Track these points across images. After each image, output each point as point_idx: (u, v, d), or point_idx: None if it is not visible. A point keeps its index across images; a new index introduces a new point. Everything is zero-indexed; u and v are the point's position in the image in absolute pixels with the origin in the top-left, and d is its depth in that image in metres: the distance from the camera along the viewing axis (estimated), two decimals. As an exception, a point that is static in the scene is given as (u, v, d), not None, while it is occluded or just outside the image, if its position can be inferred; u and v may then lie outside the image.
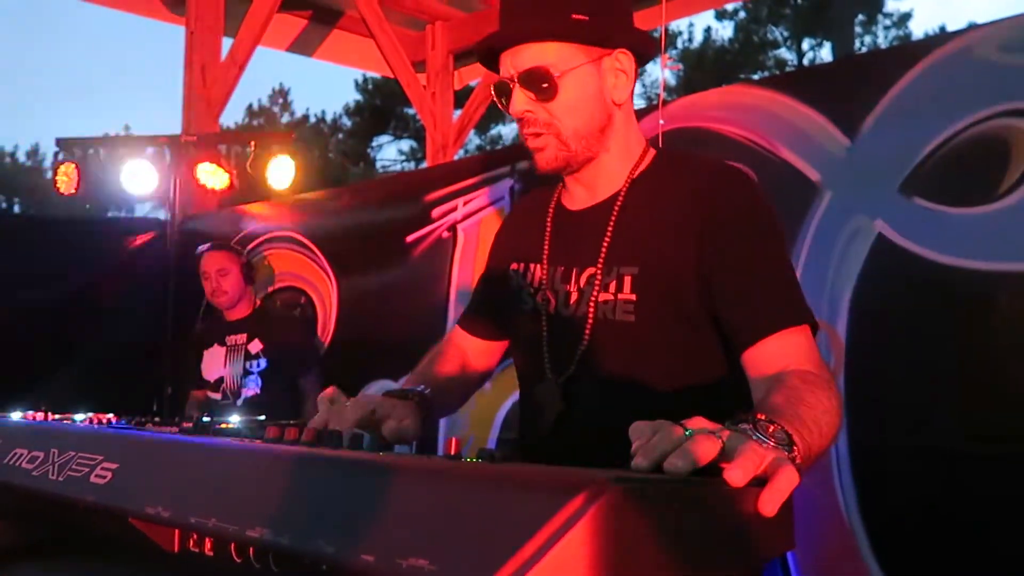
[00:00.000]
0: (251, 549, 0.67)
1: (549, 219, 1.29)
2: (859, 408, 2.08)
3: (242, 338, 3.14)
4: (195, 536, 0.73)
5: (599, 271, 1.17)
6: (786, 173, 2.28)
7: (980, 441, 1.88)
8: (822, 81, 2.34)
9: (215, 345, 3.20)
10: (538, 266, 1.26)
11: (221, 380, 3.16)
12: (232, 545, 0.69)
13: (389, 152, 20.25)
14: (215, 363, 3.18)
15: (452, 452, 0.69)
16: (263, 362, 3.09)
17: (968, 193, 1.97)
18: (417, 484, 0.57)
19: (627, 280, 1.15)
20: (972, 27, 2.03)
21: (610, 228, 1.18)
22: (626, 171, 1.21)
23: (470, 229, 2.97)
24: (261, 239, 3.68)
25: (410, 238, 3.12)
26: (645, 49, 1.21)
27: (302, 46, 5.71)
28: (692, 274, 1.12)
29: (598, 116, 1.17)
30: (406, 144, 20.05)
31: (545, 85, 1.13)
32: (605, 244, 1.18)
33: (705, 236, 1.11)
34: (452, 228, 3.02)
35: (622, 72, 1.18)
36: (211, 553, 0.72)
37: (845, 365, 2.11)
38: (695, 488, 0.58)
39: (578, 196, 1.26)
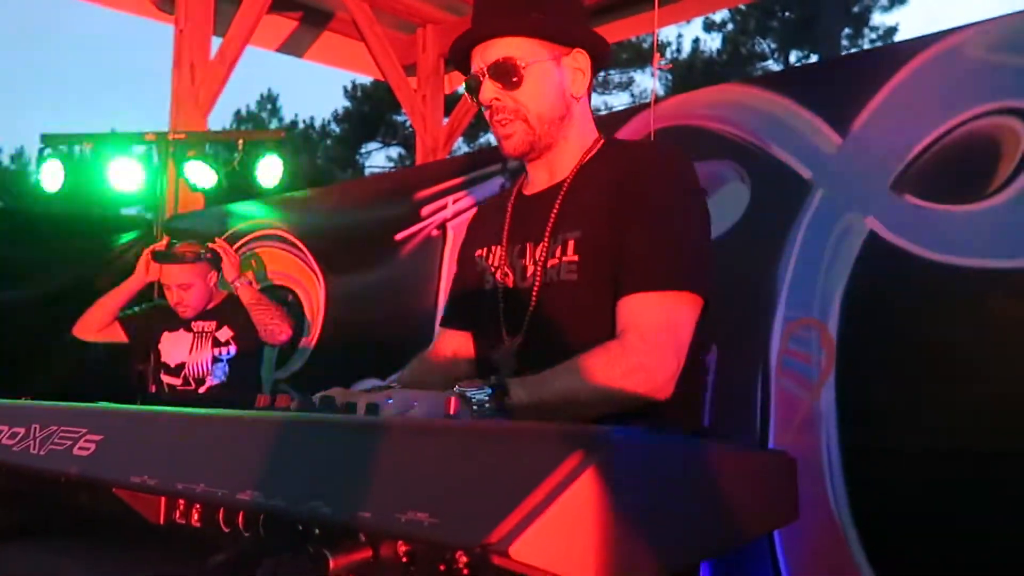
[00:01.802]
0: (240, 516, 0.65)
1: (510, 205, 1.40)
2: (850, 407, 2.08)
3: (211, 325, 3.02)
4: (181, 506, 0.71)
5: (547, 242, 1.28)
6: (778, 171, 2.28)
7: (973, 440, 1.87)
8: (813, 80, 2.35)
9: (180, 329, 3.05)
10: (499, 247, 1.36)
11: (183, 366, 3.03)
12: (220, 513, 0.67)
13: (378, 159, 20.21)
14: (178, 348, 3.04)
15: (451, 413, 0.67)
16: (232, 349, 3.00)
17: (959, 191, 1.98)
18: (414, 442, 0.55)
19: (571, 244, 1.25)
20: (962, 27, 2.04)
21: (557, 204, 1.29)
22: (578, 158, 1.33)
23: (459, 227, 2.95)
24: (248, 237, 3.65)
25: (399, 236, 3.10)
26: (601, 51, 1.33)
27: (292, 47, 5.68)
28: (617, 236, 1.21)
29: (558, 106, 1.29)
30: (395, 151, 20.01)
31: (512, 76, 1.25)
32: (552, 218, 1.28)
33: (627, 192, 1.23)
34: (442, 226, 3.00)
35: (579, 70, 1.31)
36: (198, 524, 0.70)
37: (836, 363, 2.11)
38: (697, 447, 0.56)
39: (536, 182, 1.37)
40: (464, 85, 1.32)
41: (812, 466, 2.09)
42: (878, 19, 17.74)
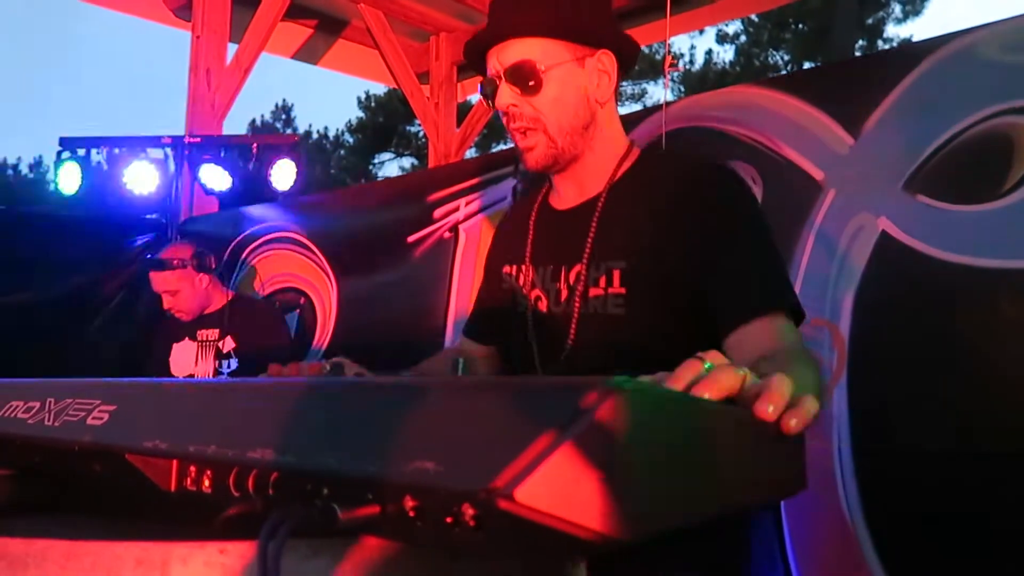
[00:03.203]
0: (251, 480, 0.66)
1: (533, 219, 1.31)
2: (862, 408, 2.06)
3: (214, 333, 2.99)
4: (193, 473, 0.71)
5: (585, 267, 1.19)
6: (790, 172, 2.28)
7: (986, 442, 1.86)
8: (825, 81, 2.35)
9: (185, 339, 3.04)
10: (528, 266, 1.28)
11: (192, 377, 3.02)
12: (231, 478, 0.67)
13: (391, 169, 20.32)
14: (185, 358, 3.03)
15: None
16: (233, 362, 2.97)
17: (972, 191, 1.97)
18: (421, 398, 0.56)
19: (616, 274, 1.16)
20: (974, 28, 2.04)
21: (594, 225, 1.20)
22: (610, 170, 1.23)
23: (471, 229, 2.97)
24: (261, 240, 3.68)
25: (411, 238, 3.11)
26: (628, 52, 1.23)
27: (307, 54, 5.74)
28: (679, 267, 1.13)
29: (582, 113, 1.19)
30: (407, 161, 20.13)
31: (531, 80, 1.15)
32: (590, 240, 1.19)
33: (691, 228, 1.12)
34: (454, 228, 3.01)
35: (604, 73, 1.20)
36: (209, 490, 0.70)
37: (848, 364, 2.10)
38: (706, 404, 0.56)
39: (565, 195, 1.27)
40: (479, 88, 1.22)
41: (824, 468, 2.08)
42: (892, 31, 17.74)
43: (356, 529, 0.56)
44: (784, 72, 18.26)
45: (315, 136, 21.30)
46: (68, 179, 3.78)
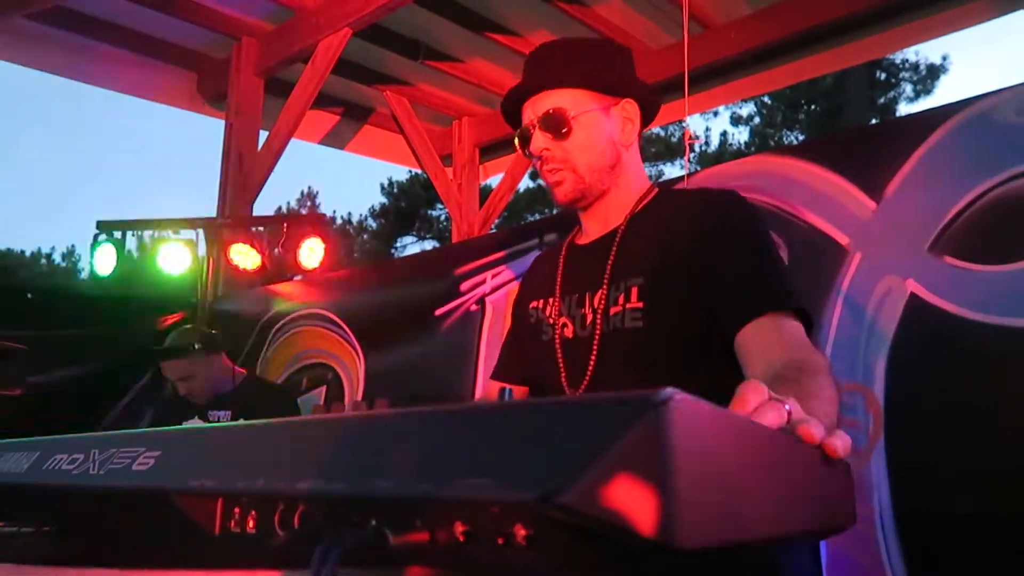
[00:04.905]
0: (296, 517, 0.66)
1: (562, 257, 1.39)
2: (903, 472, 2.01)
3: (226, 415, 2.96)
4: (237, 513, 0.71)
5: (606, 289, 1.26)
6: (814, 237, 2.30)
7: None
8: (844, 147, 2.39)
9: (195, 419, 2.99)
10: (554, 299, 1.35)
11: None
12: (276, 516, 0.68)
13: (413, 252, 20.63)
14: None
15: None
16: None
17: (999, 251, 1.97)
18: (471, 420, 0.56)
19: (634, 290, 1.22)
20: (992, 92, 2.08)
21: (614, 250, 1.28)
22: (631, 205, 1.33)
23: (498, 301, 2.99)
24: (290, 317, 3.72)
25: (439, 311, 3.14)
26: (650, 102, 1.35)
27: (334, 139, 5.93)
28: (692, 277, 1.19)
29: (608, 154, 1.30)
30: (429, 244, 20.43)
31: (562, 127, 1.27)
32: (610, 264, 1.27)
33: (700, 241, 1.20)
34: (480, 301, 3.04)
35: (628, 119, 1.32)
36: (254, 531, 0.70)
37: (885, 428, 2.06)
38: (758, 426, 0.56)
39: (589, 231, 1.37)
40: (516, 138, 1.33)
41: (866, 535, 2.02)
42: (904, 109, 18.01)
43: (406, 555, 0.56)
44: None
45: (339, 221, 21.76)
46: (104, 261, 3.88)
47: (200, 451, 0.77)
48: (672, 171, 19.08)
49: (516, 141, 1.34)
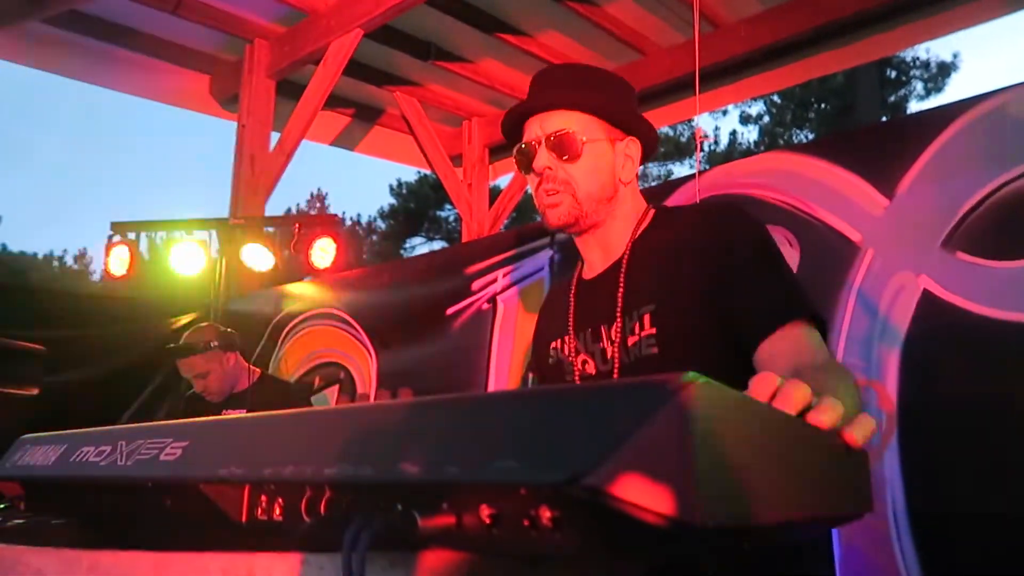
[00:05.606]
0: (323, 504, 0.67)
1: (572, 294, 1.38)
2: (916, 469, 2.01)
3: (241, 413, 2.98)
4: (264, 501, 0.73)
5: (620, 320, 1.25)
6: (827, 234, 2.30)
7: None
8: (857, 144, 2.39)
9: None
10: (571, 336, 1.34)
11: None
12: (303, 503, 0.69)
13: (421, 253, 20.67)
14: None
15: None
16: None
17: (1012, 247, 1.97)
18: (496, 407, 0.57)
19: (647, 318, 1.22)
20: (1005, 88, 2.08)
21: (622, 281, 1.27)
22: (630, 232, 1.32)
23: (510, 299, 3.00)
24: (302, 316, 3.74)
25: (450, 310, 3.15)
26: (651, 141, 1.35)
27: (345, 140, 5.96)
28: (703, 297, 1.18)
29: (608, 187, 1.29)
30: (438, 245, 20.46)
31: (571, 149, 1.26)
32: (620, 296, 1.26)
33: (707, 260, 1.19)
34: (492, 299, 3.05)
35: (630, 157, 1.32)
36: (280, 518, 0.72)
37: (898, 425, 2.06)
38: (778, 412, 0.57)
39: (593, 264, 1.36)
40: (517, 152, 1.30)
41: (879, 533, 2.02)
42: (914, 107, 17.92)
43: (434, 538, 0.57)
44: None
45: (348, 222, 21.83)
46: (117, 262, 3.91)
47: (226, 441, 0.78)
48: (681, 170, 19.05)
49: (514, 155, 1.31)
